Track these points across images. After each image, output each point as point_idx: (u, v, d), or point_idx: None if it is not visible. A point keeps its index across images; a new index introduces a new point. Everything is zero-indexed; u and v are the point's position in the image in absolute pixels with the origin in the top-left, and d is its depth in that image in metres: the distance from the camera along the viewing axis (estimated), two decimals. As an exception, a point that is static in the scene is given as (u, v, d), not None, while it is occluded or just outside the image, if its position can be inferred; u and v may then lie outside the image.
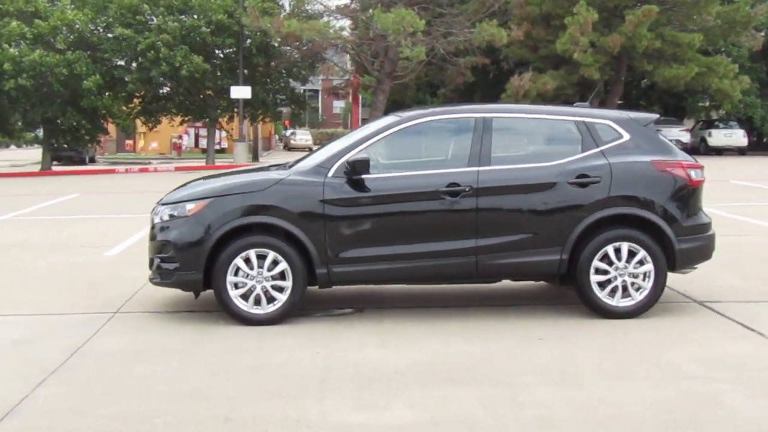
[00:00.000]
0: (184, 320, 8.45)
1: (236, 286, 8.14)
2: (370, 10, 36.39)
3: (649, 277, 8.28)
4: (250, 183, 8.33)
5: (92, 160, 53.04)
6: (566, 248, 8.21)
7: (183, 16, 34.61)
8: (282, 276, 8.16)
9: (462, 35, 35.65)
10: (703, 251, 8.55)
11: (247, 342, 7.62)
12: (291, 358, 7.09)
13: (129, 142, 66.69)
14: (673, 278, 9.54)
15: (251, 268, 8.12)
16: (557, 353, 7.20)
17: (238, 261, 8.12)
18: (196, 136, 64.80)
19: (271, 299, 8.18)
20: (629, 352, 7.18)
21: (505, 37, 34.99)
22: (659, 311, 8.54)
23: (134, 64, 35.16)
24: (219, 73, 36.33)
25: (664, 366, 6.77)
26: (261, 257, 8.14)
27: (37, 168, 38.38)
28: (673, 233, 8.28)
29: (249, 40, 35.55)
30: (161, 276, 8.38)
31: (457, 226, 8.19)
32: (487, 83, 40.91)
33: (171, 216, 8.32)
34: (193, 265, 8.16)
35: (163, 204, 8.52)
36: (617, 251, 8.24)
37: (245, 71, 36.51)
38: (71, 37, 33.89)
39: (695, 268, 8.81)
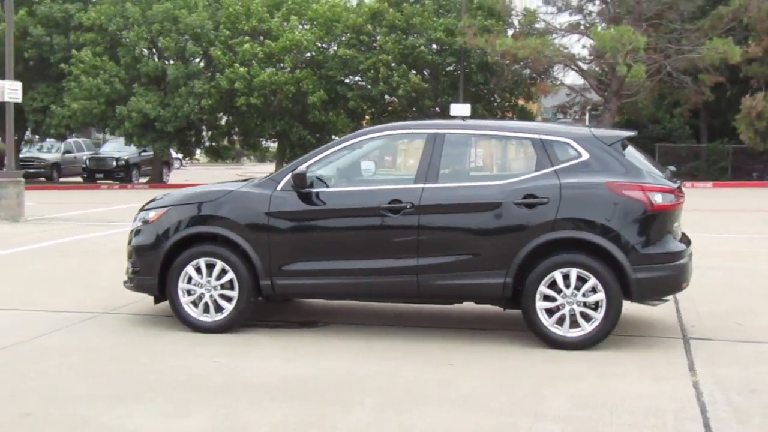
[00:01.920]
0: (154, 324, 8.77)
1: (189, 293, 8.39)
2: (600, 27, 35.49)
3: (600, 306, 7.72)
4: (203, 194, 8.56)
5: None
6: (510, 272, 7.82)
7: (406, 36, 35.29)
8: (231, 285, 8.32)
9: (695, 52, 33.96)
10: (667, 282, 7.85)
11: (172, 347, 7.86)
12: (183, 365, 7.25)
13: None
14: (699, 310, 9.31)
15: (201, 277, 8.34)
16: (443, 378, 6.91)
17: (189, 269, 8.36)
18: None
19: (218, 308, 8.36)
20: (517, 383, 6.77)
21: (738, 55, 32.92)
22: (623, 343, 8.02)
23: (361, 82, 36.34)
24: (441, 90, 36.74)
25: (527, 399, 6.34)
26: (210, 266, 8.34)
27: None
28: (628, 261, 7.66)
29: (470, 59, 35.67)
30: (129, 280, 8.79)
31: (398, 244, 8.01)
32: (725, 102, 38.60)
33: (143, 222, 8.71)
34: (149, 271, 8.49)
35: (141, 211, 8.92)
36: (566, 277, 7.76)
37: (470, 88, 36.72)
38: (300, 56, 35.51)
39: (664, 300, 8.12)
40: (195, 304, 8.39)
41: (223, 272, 8.30)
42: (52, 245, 15.35)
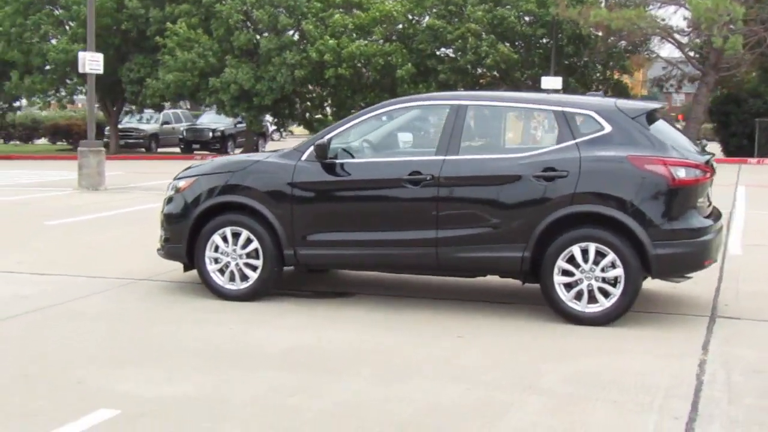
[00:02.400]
0: (186, 291, 8.92)
1: (216, 261, 8.54)
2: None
3: (619, 282, 7.60)
4: (230, 163, 8.70)
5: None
6: (529, 245, 7.75)
7: (496, 6, 34.93)
8: (256, 254, 8.43)
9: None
10: (688, 259, 7.67)
11: (195, 314, 7.99)
12: (200, 332, 7.39)
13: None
14: (740, 289, 9.21)
15: (227, 245, 8.47)
16: (449, 350, 6.92)
17: (216, 237, 8.49)
18: (553, 127, 64.47)
19: (244, 276, 8.48)
20: (519, 358, 6.73)
21: None
22: (646, 320, 7.92)
23: (451, 54, 36.12)
24: (532, 62, 36.34)
25: (523, 374, 6.29)
26: (236, 235, 8.46)
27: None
28: (648, 236, 7.51)
29: (562, 31, 35.11)
30: (161, 247, 9.00)
31: (418, 216, 8.01)
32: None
33: (175, 190, 8.89)
34: (179, 239, 8.67)
35: (174, 179, 9.10)
36: (584, 252, 7.65)
37: (563, 61, 36.23)
38: (390, 28, 35.51)
39: (687, 277, 7.94)
40: (222, 272, 8.52)
41: (249, 241, 8.41)
42: (121, 213, 15.78)
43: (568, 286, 7.72)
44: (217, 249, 8.51)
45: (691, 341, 7.23)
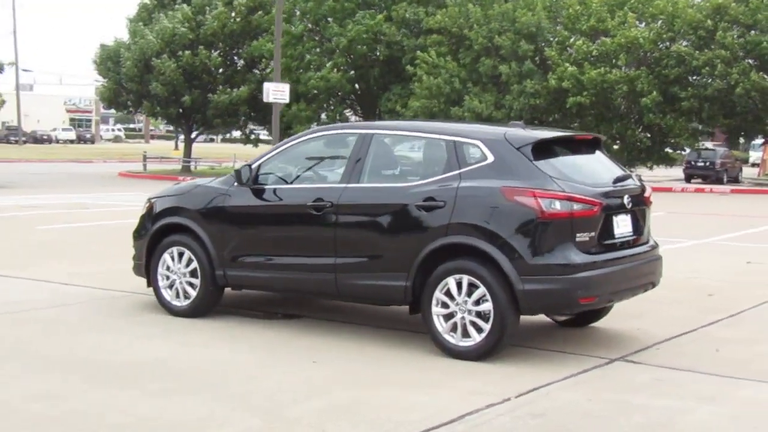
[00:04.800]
0: (153, 307, 9.42)
1: (167, 278, 9.14)
2: None
3: (490, 316, 7.40)
4: (178, 188, 9.33)
5: (734, 180, 50.56)
6: (410, 275, 7.73)
7: (749, 31, 33.02)
8: (196, 274, 8.94)
9: None
10: (557, 296, 7.30)
11: (128, 326, 8.58)
12: (90, 342, 7.95)
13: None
14: (715, 333, 8.77)
15: (174, 264, 9.05)
16: (274, 373, 7.07)
17: (166, 256, 9.09)
18: None
19: (186, 294, 9.03)
20: (314, 384, 6.79)
21: None
22: (529, 357, 7.69)
23: (696, 80, 34.53)
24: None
25: (289, 398, 6.39)
26: (181, 255, 9.03)
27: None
28: (515, 270, 7.26)
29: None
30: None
31: (320, 242, 8.21)
32: None
33: (143, 210, 9.62)
34: (140, 256, 9.38)
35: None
36: (459, 284, 7.52)
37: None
38: (635, 54, 34.53)
39: (569, 315, 7.56)
40: (171, 288, 9.10)
41: (190, 261, 8.93)
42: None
43: (447, 318, 7.59)
44: (168, 267, 9.09)
45: (530, 381, 6.88)
